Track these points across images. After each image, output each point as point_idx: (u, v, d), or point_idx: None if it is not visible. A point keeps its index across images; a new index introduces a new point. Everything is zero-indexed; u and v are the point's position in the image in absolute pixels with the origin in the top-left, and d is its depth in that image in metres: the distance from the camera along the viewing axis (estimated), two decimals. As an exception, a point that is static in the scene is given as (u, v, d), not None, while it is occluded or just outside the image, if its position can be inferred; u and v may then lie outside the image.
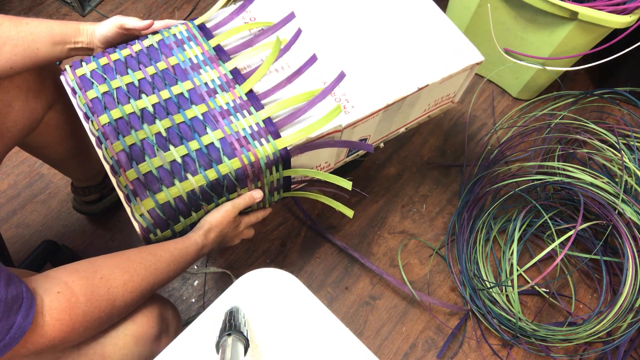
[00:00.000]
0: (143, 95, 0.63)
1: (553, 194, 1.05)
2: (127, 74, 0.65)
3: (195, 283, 0.99)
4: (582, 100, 1.20)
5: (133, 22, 0.66)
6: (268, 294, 0.50)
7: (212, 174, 0.59)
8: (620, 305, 0.82)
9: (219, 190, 0.61)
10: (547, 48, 1.03)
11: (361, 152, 0.78)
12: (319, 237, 1.04)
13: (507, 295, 0.94)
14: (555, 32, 0.98)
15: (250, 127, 0.61)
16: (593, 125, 1.01)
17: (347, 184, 0.62)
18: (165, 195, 0.58)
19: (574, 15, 0.91)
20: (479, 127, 1.19)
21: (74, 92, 0.65)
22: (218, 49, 0.68)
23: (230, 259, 1.01)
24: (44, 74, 0.69)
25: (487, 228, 1.02)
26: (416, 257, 1.03)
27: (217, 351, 0.42)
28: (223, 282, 0.99)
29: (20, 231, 1.03)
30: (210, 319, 0.48)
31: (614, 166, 0.97)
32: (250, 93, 0.64)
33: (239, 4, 0.74)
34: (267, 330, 0.48)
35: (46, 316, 0.43)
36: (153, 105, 0.62)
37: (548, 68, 1.07)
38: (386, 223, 1.06)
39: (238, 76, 0.65)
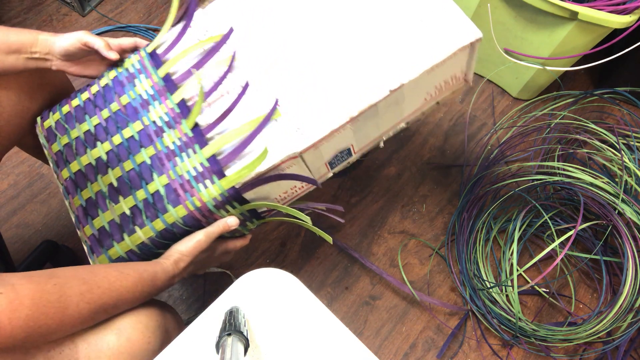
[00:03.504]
0: (98, 143, 0.63)
1: (553, 194, 1.05)
2: (85, 120, 0.64)
3: (195, 283, 0.99)
4: (582, 100, 1.20)
5: (98, 44, 0.64)
6: (268, 294, 0.50)
7: (158, 225, 0.58)
8: (620, 305, 0.82)
9: (172, 237, 0.59)
10: (547, 48, 1.03)
11: (352, 160, 0.69)
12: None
13: (507, 295, 0.94)
14: (555, 32, 0.98)
15: (195, 168, 0.58)
16: (593, 125, 1.01)
17: (306, 219, 0.60)
18: (117, 250, 0.58)
19: (574, 15, 0.91)
20: (479, 127, 1.19)
21: (44, 146, 0.65)
22: (166, 79, 0.65)
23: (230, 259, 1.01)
24: (42, 74, 0.69)
25: (487, 228, 1.02)
26: (416, 257, 1.03)
27: (217, 351, 0.42)
28: (223, 282, 0.99)
29: (20, 231, 1.03)
30: (210, 319, 0.48)
31: (614, 166, 0.97)
32: (195, 128, 0.61)
33: (183, 23, 0.69)
34: (267, 330, 0.48)
35: None
36: (107, 153, 0.62)
37: (548, 68, 1.07)
38: (386, 223, 1.06)
39: (184, 109, 0.62)
